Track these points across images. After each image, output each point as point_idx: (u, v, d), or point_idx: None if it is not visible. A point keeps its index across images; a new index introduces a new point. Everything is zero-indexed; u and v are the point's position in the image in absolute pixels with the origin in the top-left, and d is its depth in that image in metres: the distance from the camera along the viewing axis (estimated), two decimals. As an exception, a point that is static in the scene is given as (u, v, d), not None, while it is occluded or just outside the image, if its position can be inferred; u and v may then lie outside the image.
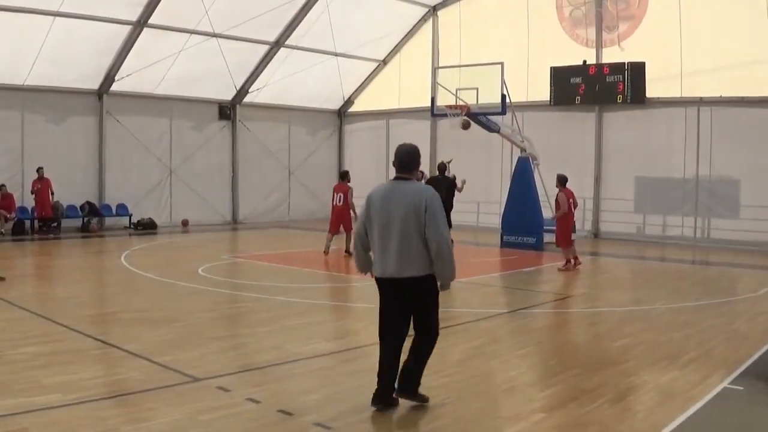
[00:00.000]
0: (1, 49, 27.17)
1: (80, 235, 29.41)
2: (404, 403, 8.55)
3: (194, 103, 34.08)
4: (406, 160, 8.56)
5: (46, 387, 8.86)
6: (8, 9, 25.80)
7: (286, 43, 33.60)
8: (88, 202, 30.96)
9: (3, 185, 28.21)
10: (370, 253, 8.66)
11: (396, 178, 8.59)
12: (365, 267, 8.77)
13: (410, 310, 8.46)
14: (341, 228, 23.89)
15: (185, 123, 33.99)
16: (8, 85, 28.68)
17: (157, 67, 30.66)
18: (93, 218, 30.83)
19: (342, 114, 40.67)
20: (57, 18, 26.85)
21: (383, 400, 8.36)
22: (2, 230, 27.91)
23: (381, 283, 8.48)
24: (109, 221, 31.41)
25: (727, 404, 8.80)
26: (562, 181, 21.62)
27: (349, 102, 40.12)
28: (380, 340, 8.63)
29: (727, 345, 11.88)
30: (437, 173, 23.64)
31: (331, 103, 39.90)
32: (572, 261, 21.14)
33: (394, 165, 8.57)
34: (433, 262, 8.18)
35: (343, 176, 24.76)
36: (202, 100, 34.33)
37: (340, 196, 23.88)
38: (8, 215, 28.25)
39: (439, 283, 8.38)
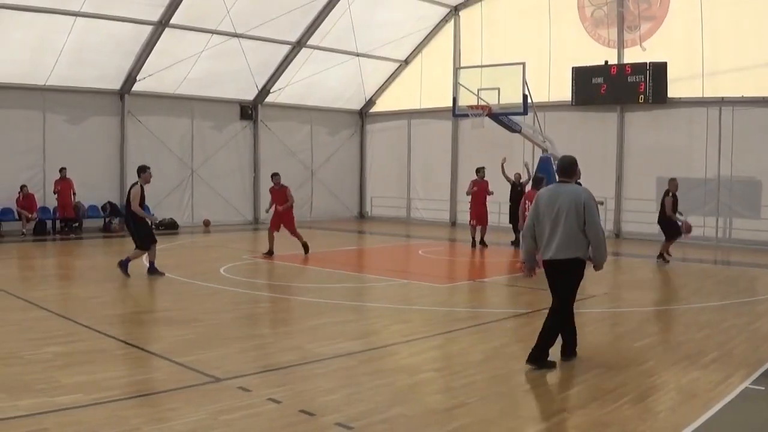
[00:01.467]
0: (22, 49, 27.31)
1: (102, 236, 29.54)
2: (426, 404, 8.57)
3: (216, 103, 34.17)
4: (568, 168, 10.54)
5: (67, 387, 8.88)
6: (29, 9, 25.90)
7: (307, 43, 33.63)
8: (109, 202, 31.11)
9: (24, 186, 28.36)
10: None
11: (560, 182, 10.56)
12: (532, 255, 10.86)
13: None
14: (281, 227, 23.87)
15: (206, 123, 34.07)
16: (30, 85, 28.85)
17: (179, 68, 30.77)
18: (114, 218, 30.90)
19: (364, 114, 40.71)
20: (78, 18, 26.95)
21: (532, 359, 10.26)
22: (24, 230, 28.05)
23: (546, 264, 10.53)
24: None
25: (749, 404, 8.77)
26: (536, 183, 21.70)
27: (370, 102, 40.15)
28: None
29: (748, 345, 11.83)
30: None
31: (353, 104, 39.95)
32: None
33: (557, 172, 10.88)
34: (592, 248, 10.32)
35: (272, 177, 24.68)
36: (223, 100, 34.42)
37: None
38: (30, 215, 28.39)
39: (593, 265, 10.64)
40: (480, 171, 26.84)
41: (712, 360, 10.80)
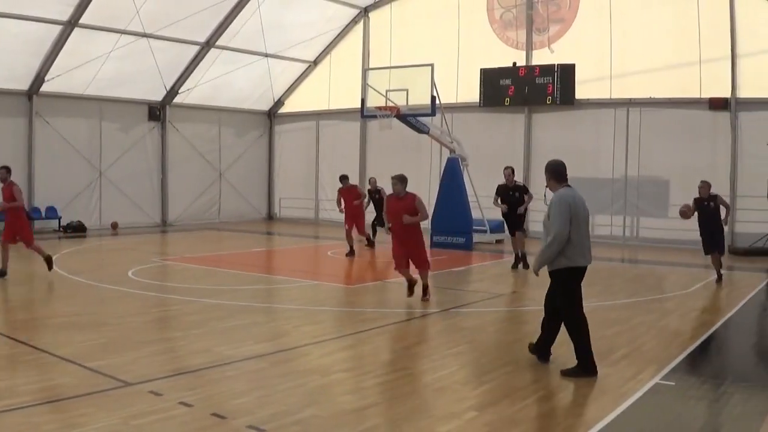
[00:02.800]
0: None
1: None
2: (338, 405, 8.65)
3: (124, 104, 33.72)
4: (564, 170, 10.72)
5: None
6: None
7: (216, 43, 33.45)
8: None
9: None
10: None
11: (568, 186, 10.58)
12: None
13: None
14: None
15: (115, 124, 33.60)
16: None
17: (88, 68, 30.36)
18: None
19: (272, 115, 40.61)
20: None
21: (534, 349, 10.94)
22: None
23: (581, 272, 10.58)
24: (38, 224, 30.84)
25: (659, 399, 8.96)
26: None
27: (279, 103, 40.05)
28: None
29: (658, 341, 12.11)
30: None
31: (262, 104, 39.84)
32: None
33: (555, 177, 10.71)
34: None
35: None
36: (131, 101, 34.00)
37: None
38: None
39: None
40: (344, 179, 25.92)
41: (623, 356, 11.03)
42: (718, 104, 27.34)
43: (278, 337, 12.64)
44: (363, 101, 28.24)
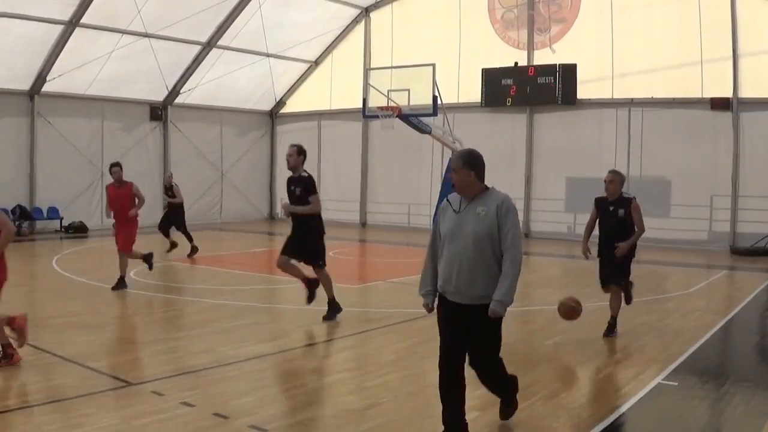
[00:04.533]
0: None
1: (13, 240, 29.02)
2: (341, 405, 8.65)
3: (126, 104, 33.70)
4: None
5: None
6: None
7: (218, 43, 33.44)
8: (19, 206, 30.54)
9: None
10: None
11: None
12: None
13: None
14: None
15: (116, 124, 33.58)
16: (-66, 85, 28.32)
17: (89, 68, 30.34)
18: (24, 222, 30.40)
19: (274, 115, 40.59)
20: None
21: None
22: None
23: None
24: (40, 224, 30.96)
25: (661, 399, 8.97)
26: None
27: (281, 103, 40.04)
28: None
29: (660, 341, 12.11)
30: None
31: (263, 104, 39.82)
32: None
33: (481, 173, 7.79)
34: None
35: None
36: (133, 100, 33.97)
37: None
38: None
39: None
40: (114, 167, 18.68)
41: (625, 356, 11.04)
42: (719, 104, 27.30)
43: (280, 337, 12.63)
44: (365, 101, 28.28)
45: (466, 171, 7.62)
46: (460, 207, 7.59)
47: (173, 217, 25.54)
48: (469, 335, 7.32)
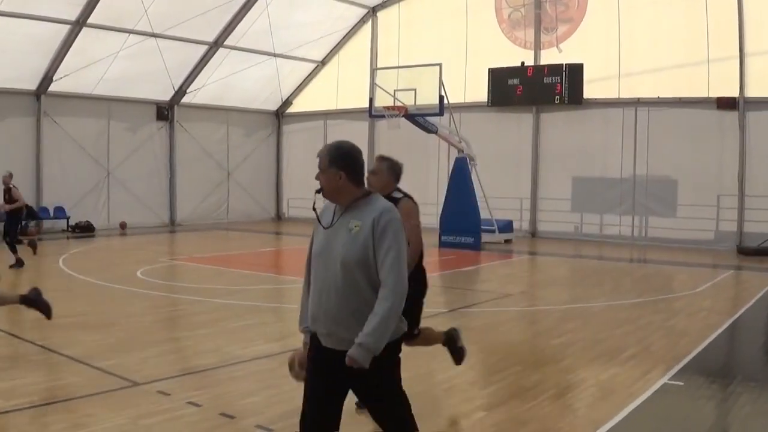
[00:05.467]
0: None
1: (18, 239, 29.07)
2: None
3: (132, 103, 33.76)
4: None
5: None
6: None
7: (224, 43, 33.47)
8: (26, 205, 30.53)
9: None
10: None
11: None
12: None
13: None
14: None
15: (123, 124, 33.62)
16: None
17: (96, 68, 30.38)
18: (31, 221, 30.39)
19: (280, 115, 40.61)
20: None
21: None
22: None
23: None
24: (46, 224, 31.02)
25: (668, 399, 8.95)
26: None
27: (287, 103, 40.06)
28: None
29: (666, 341, 12.08)
30: None
31: (270, 104, 39.87)
32: None
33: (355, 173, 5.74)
34: None
35: None
36: (139, 100, 34.02)
37: None
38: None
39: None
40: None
41: (631, 356, 11.01)
42: (726, 104, 27.29)
43: (287, 337, 12.60)
44: (371, 101, 28.24)
45: (334, 171, 5.59)
46: (332, 220, 5.55)
47: (10, 223, 21.68)
48: (343, 391, 5.59)
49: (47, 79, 30.05)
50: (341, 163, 5.58)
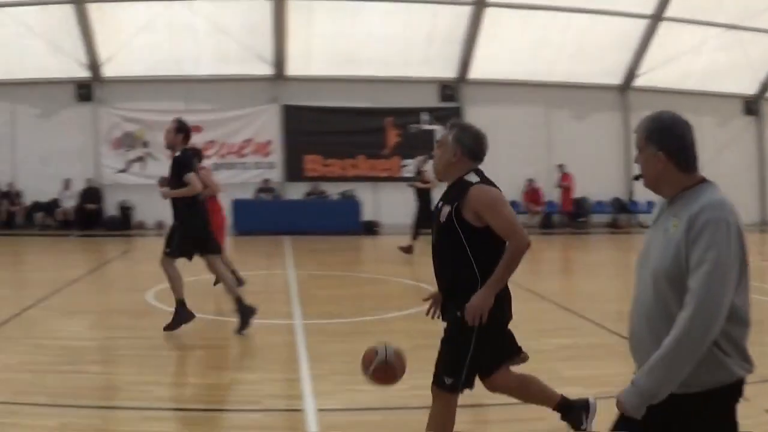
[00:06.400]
0: (522, 47, 29.17)
1: (608, 231, 30.21)
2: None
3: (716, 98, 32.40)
4: None
5: (566, 379, 8.97)
6: (526, 7, 28.04)
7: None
8: (616, 198, 31.56)
9: (531, 179, 30.11)
10: None
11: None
12: None
13: None
14: None
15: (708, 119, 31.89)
16: (532, 81, 30.79)
17: (678, 61, 30.27)
18: (620, 214, 31.35)
19: None
20: (573, 14, 28.59)
21: None
22: (530, 223, 29.17)
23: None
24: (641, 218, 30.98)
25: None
26: None
27: None
28: None
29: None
30: None
31: None
32: None
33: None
34: None
35: None
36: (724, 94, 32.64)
37: None
38: (536, 209, 30.01)
39: None
40: None
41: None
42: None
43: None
44: None
45: (652, 152, 4.09)
46: (657, 216, 4.25)
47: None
48: None
49: (631, 73, 30.95)
50: (660, 141, 4.08)
